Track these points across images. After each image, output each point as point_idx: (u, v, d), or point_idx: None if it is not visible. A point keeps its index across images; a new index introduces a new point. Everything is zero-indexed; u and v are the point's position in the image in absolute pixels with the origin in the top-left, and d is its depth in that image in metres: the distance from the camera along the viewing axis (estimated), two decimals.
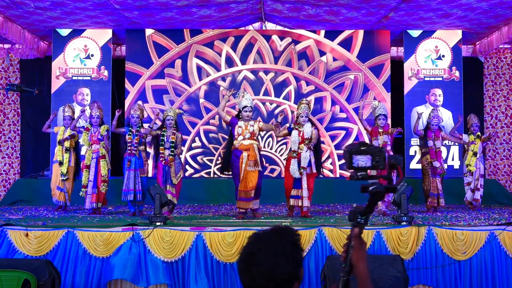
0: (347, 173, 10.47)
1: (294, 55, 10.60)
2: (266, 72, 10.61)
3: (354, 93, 10.54)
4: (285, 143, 10.46)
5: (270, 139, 10.46)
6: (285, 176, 7.33)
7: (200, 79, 10.52)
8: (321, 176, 7.76)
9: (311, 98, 10.44)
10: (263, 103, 10.52)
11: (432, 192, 8.07)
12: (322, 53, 10.60)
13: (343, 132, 10.56)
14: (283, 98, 10.55)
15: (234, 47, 10.57)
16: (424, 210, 8.24)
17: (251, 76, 10.61)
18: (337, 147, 10.52)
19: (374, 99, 10.21)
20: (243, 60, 10.61)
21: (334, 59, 10.59)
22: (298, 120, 7.31)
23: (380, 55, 10.54)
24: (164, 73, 10.51)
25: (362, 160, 1.89)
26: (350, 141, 10.50)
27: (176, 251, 5.59)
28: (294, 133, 7.25)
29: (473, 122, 8.57)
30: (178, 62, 10.52)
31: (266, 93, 10.57)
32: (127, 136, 7.57)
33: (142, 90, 10.47)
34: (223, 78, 10.56)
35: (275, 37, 10.62)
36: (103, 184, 7.72)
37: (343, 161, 10.38)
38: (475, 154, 8.43)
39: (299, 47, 10.63)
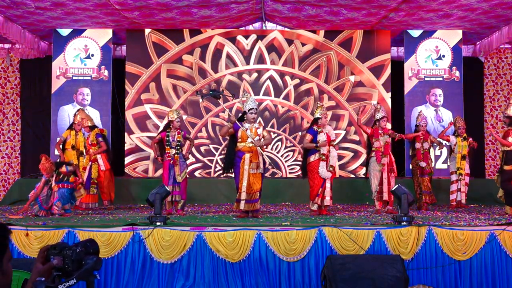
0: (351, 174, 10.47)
1: (255, 51, 10.57)
2: (240, 74, 10.56)
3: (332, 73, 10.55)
4: (293, 150, 10.46)
5: (279, 142, 10.44)
6: (313, 178, 7.38)
7: (178, 97, 10.44)
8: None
9: (301, 89, 10.52)
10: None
11: (425, 190, 8.51)
12: (290, 42, 10.57)
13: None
14: (263, 95, 10.53)
15: (202, 57, 10.47)
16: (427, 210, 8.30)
17: (233, 78, 10.54)
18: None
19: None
20: (215, 68, 10.51)
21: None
22: (319, 122, 7.42)
23: (379, 55, 10.55)
24: (141, 99, 10.43)
25: (55, 261, 1.98)
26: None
27: (176, 252, 5.58)
28: (322, 136, 7.32)
29: (460, 125, 8.74)
30: (152, 85, 10.45)
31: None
32: None
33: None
34: (200, 91, 10.47)
35: (240, 37, 10.55)
36: (92, 186, 8.19)
37: (342, 161, 10.39)
38: (463, 157, 8.62)
39: (266, 40, 10.59)
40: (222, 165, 7.58)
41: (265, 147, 7.53)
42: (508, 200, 7.52)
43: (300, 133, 10.34)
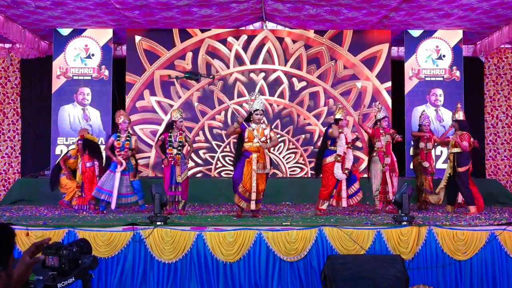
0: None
1: (244, 52, 10.56)
2: (233, 75, 10.53)
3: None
4: (294, 152, 10.46)
5: (281, 144, 10.44)
6: (327, 178, 7.39)
7: (172, 103, 10.36)
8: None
9: (305, 93, 10.54)
10: (240, 105, 10.45)
11: (425, 188, 8.54)
12: (281, 40, 10.57)
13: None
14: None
15: (194, 61, 10.43)
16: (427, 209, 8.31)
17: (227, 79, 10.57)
18: None
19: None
20: (209, 71, 10.48)
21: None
22: (340, 123, 7.47)
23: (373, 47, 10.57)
24: (136, 107, 10.41)
25: (51, 261, 2.05)
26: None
27: (177, 252, 5.58)
28: (342, 137, 7.34)
29: None
30: (147, 92, 10.43)
31: (240, 95, 10.53)
32: (115, 142, 7.83)
33: None
34: (195, 95, 10.50)
35: (230, 39, 10.54)
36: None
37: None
38: None
39: (257, 40, 10.58)
40: (233, 164, 7.54)
41: (272, 148, 7.57)
42: (469, 200, 7.69)
43: (312, 147, 10.42)
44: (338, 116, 7.57)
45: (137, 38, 10.40)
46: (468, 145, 7.77)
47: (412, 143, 9.22)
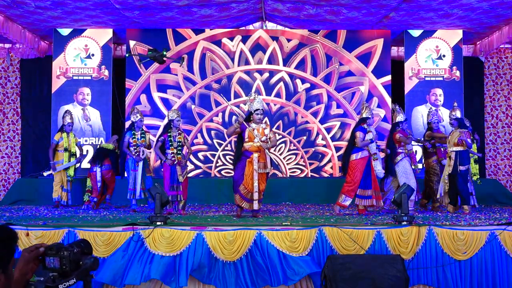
0: None
1: (245, 52, 10.58)
2: (230, 76, 10.56)
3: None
4: (295, 153, 10.46)
5: (282, 144, 10.45)
6: (353, 175, 7.38)
7: (170, 106, 10.31)
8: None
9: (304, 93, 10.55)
10: (238, 106, 10.43)
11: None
12: (276, 40, 10.60)
13: (337, 123, 10.61)
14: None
15: (190, 66, 10.44)
16: (427, 209, 8.29)
17: (225, 81, 10.56)
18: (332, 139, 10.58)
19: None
20: (204, 73, 10.53)
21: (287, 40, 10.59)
22: (368, 122, 7.47)
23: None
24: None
25: (52, 262, 2.02)
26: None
27: (176, 247, 5.57)
28: (370, 136, 7.37)
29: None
30: (143, 97, 10.46)
31: (237, 95, 10.53)
32: (131, 139, 8.19)
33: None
34: (192, 97, 10.51)
35: (225, 40, 10.55)
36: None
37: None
38: (475, 161, 8.60)
39: (251, 40, 10.61)
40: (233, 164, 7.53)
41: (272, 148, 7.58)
42: (467, 199, 7.71)
43: (313, 148, 10.44)
44: (365, 115, 7.54)
45: (132, 42, 10.39)
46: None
47: (425, 142, 9.07)
